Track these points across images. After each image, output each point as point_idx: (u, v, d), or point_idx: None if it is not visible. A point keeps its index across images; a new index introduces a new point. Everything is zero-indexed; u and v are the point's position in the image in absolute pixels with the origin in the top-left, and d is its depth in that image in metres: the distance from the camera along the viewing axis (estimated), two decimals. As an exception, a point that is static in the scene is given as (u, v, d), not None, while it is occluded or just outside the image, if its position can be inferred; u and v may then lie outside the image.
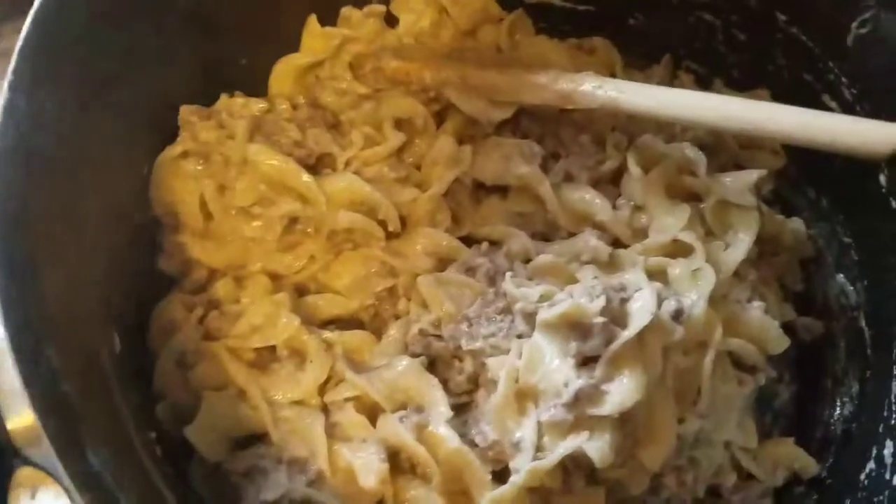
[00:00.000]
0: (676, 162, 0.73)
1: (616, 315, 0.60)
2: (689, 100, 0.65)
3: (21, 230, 0.49)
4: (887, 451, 0.67)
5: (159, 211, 0.70)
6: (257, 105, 0.73)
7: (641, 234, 0.71)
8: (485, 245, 0.72)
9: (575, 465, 0.62)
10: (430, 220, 0.72)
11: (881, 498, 0.65)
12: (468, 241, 0.73)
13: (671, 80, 0.85)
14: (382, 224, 0.70)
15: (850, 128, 0.58)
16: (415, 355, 0.67)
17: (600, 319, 0.59)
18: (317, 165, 0.72)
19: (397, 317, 0.71)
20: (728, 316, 0.67)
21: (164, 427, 0.63)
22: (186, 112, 0.70)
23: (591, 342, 0.59)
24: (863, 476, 0.68)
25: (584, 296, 0.60)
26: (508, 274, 0.66)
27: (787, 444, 0.72)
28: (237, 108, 0.71)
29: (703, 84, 0.84)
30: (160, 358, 0.64)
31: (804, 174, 0.81)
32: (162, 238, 0.71)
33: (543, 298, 0.63)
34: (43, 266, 0.49)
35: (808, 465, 0.71)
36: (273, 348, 0.66)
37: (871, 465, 0.68)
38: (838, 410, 0.75)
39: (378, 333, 0.70)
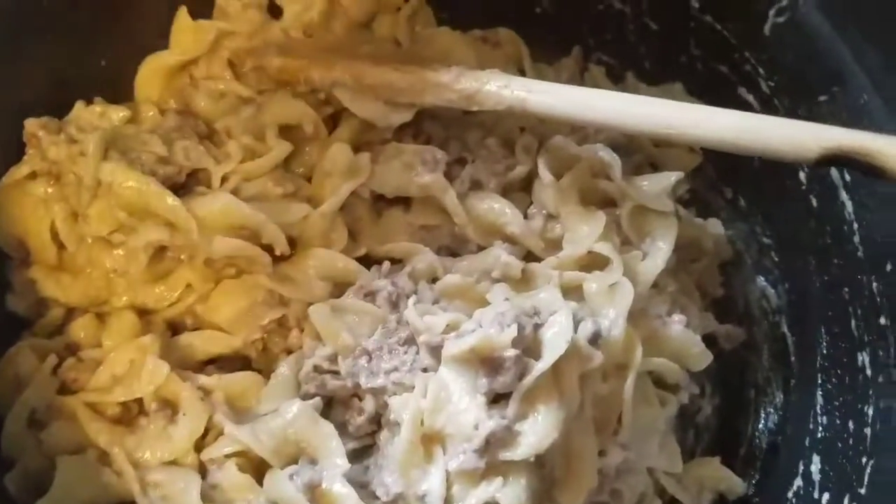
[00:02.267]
0: (590, 165, 0.67)
1: (529, 345, 0.54)
2: (605, 101, 0.59)
3: None
4: (814, 468, 0.64)
5: (4, 243, 0.60)
6: (118, 114, 0.63)
7: (555, 245, 0.66)
8: (386, 265, 0.65)
9: (487, 514, 0.56)
10: (323, 239, 0.65)
11: (810, 517, 0.63)
12: (367, 260, 0.66)
13: (582, 73, 0.80)
14: (268, 248, 0.62)
15: (776, 131, 0.54)
16: (308, 396, 0.60)
17: (512, 352, 0.53)
18: (188, 183, 0.63)
19: (289, 351, 0.64)
20: (648, 333, 0.62)
21: (16, 500, 0.54)
22: (32, 126, 0.60)
23: (501, 377, 0.53)
24: (790, 494, 0.65)
25: (495, 325, 0.54)
26: (411, 301, 0.60)
27: (712, 464, 0.68)
28: (92, 118, 0.61)
29: (615, 77, 0.79)
30: (8, 417, 0.55)
31: (721, 173, 0.77)
32: (9, 274, 0.61)
33: (450, 328, 0.57)
34: None
35: (735, 485, 0.68)
36: (140, 401, 0.57)
37: (798, 481, 0.65)
38: (762, 423, 0.72)
39: (267, 372, 0.62)
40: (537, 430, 0.53)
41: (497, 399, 0.55)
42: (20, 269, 0.61)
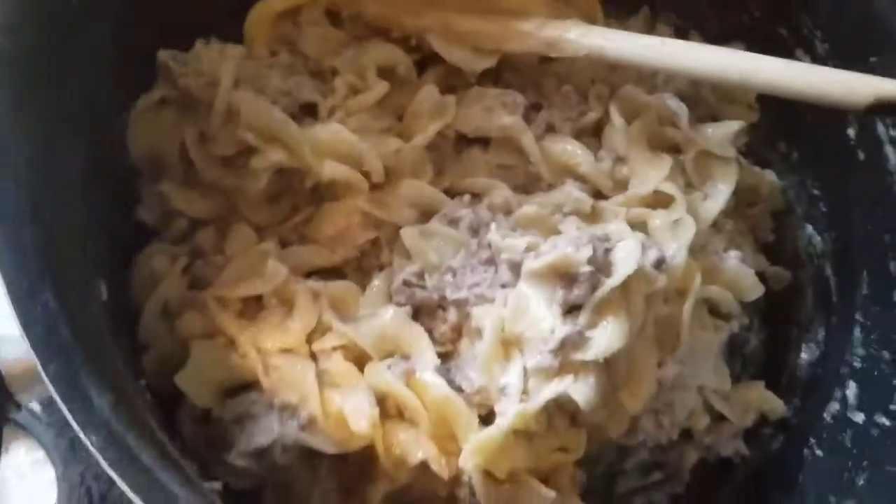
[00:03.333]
0: (658, 113, 0.73)
1: (601, 264, 0.61)
2: (677, 48, 0.66)
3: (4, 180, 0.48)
4: (850, 392, 0.71)
5: (138, 160, 0.68)
6: (235, 51, 0.71)
7: (623, 185, 0.72)
8: (467, 197, 0.72)
9: (558, 410, 0.63)
10: (413, 171, 0.72)
11: (844, 435, 0.69)
12: (448, 194, 0.73)
13: (649, 32, 0.85)
14: (366, 175, 0.70)
15: (831, 79, 0.60)
16: (399, 305, 0.68)
17: (587, 268, 0.60)
18: (298, 115, 0.71)
19: (381, 269, 0.71)
20: (706, 265, 0.69)
21: (150, 377, 0.62)
22: (164, 56, 0.68)
23: (576, 290, 0.60)
24: (826, 415, 0.72)
25: (570, 245, 0.61)
26: (493, 225, 0.67)
27: (757, 387, 0.75)
28: (212, 54, 0.69)
29: (681, 36, 0.84)
30: (144, 309, 0.64)
31: (776, 128, 0.82)
32: (141, 187, 0.69)
33: (529, 249, 0.64)
34: (26, 215, 0.47)
35: (777, 407, 0.74)
36: (259, 298, 0.66)
37: (835, 405, 0.72)
38: (804, 355, 0.78)
39: (361, 286, 0.70)
40: (606, 337, 0.60)
41: (570, 310, 0.62)
42: (150, 183, 0.69)
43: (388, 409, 0.63)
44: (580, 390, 0.60)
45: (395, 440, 0.63)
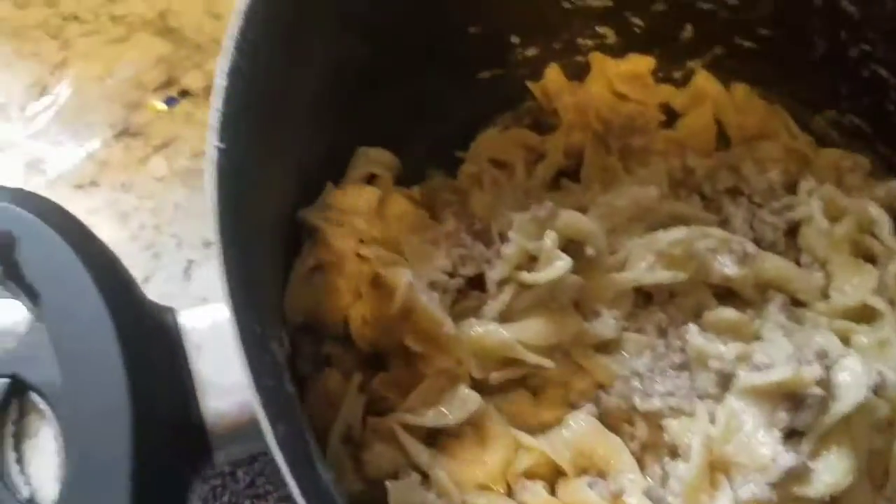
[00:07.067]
0: (857, 219, 0.68)
1: (825, 385, 0.56)
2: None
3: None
4: None
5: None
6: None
7: (819, 293, 0.66)
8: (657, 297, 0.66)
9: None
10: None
11: None
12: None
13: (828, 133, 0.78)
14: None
15: None
16: (582, 414, 0.62)
17: (817, 390, 0.55)
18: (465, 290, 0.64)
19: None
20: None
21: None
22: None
23: (803, 415, 0.55)
24: None
25: (793, 361, 0.56)
26: (692, 326, 0.61)
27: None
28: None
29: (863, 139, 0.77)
30: (329, 438, 0.57)
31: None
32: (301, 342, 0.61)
33: (740, 359, 0.59)
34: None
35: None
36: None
37: None
38: None
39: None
40: (832, 471, 0.54)
41: (789, 435, 0.57)
42: (309, 340, 0.61)
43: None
44: (798, 534, 0.55)
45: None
